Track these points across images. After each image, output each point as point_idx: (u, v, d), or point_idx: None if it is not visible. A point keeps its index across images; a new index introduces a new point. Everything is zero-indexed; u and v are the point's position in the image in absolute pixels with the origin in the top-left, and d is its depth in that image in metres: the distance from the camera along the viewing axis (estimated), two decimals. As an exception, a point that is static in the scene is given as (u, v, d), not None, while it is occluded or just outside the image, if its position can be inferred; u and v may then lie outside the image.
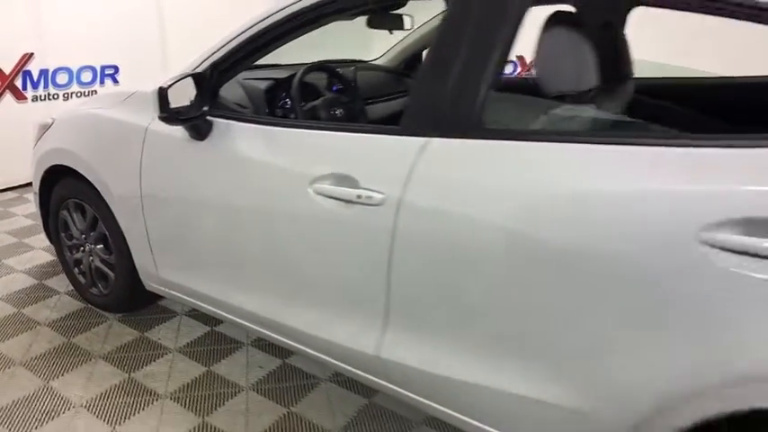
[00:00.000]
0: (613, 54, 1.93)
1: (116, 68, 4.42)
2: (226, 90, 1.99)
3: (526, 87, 1.54)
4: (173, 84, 1.64)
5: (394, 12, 2.18)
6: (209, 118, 1.77)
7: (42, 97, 4.03)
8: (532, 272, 1.23)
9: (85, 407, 1.89)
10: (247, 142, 1.70)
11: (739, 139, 1.05)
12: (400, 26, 2.24)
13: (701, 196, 1.04)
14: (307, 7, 1.62)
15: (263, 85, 2.12)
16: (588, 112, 1.43)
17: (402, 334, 1.49)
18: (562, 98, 1.47)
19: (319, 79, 2.32)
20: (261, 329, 1.84)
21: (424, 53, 2.65)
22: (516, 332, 1.30)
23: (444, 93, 1.35)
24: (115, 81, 4.47)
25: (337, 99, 2.15)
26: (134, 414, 1.87)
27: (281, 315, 1.74)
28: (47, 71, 4.02)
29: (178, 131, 1.82)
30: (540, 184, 1.21)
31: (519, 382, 1.31)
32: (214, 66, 1.80)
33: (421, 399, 1.52)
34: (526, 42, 1.43)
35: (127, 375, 2.06)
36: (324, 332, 1.64)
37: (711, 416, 1.07)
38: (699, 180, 1.06)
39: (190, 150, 1.82)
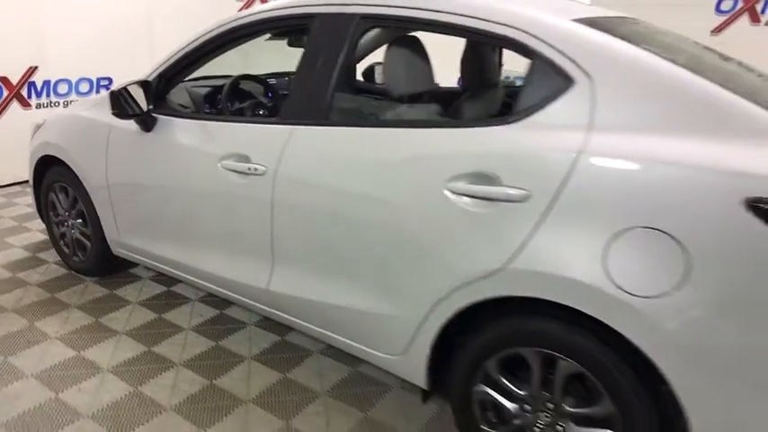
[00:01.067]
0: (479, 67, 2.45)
1: (110, 80, 5.02)
2: (176, 94, 2.57)
3: (378, 91, 2.07)
4: (122, 88, 2.20)
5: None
6: (154, 114, 2.32)
7: (45, 105, 4.64)
8: (359, 219, 1.75)
9: (59, 338, 2.43)
10: (181, 132, 2.26)
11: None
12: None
13: (447, 158, 1.57)
14: (226, 30, 2.18)
15: (204, 91, 2.67)
16: (397, 107, 1.94)
17: (283, 271, 2.02)
18: (401, 99, 2.00)
19: (256, 87, 2.87)
20: (190, 277, 2.39)
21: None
22: (352, 264, 1.82)
23: (305, 95, 1.90)
24: (110, 91, 5.06)
25: (262, 102, 2.71)
26: (96, 344, 2.40)
27: (204, 264, 2.28)
28: (49, 82, 4.63)
29: (133, 126, 2.37)
30: (357, 154, 1.75)
31: (354, 299, 1.83)
32: (160, 75, 2.36)
33: (296, 319, 2.05)
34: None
35: (94, 319, 2.60)
36: (232, 274, 2.18)
37: (465, 304, 1.57)
38: (446, 147, 1.58)
39: (140, 140, 2.37)
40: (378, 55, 2.25)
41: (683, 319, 1.27)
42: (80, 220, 2.88)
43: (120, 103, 2.21)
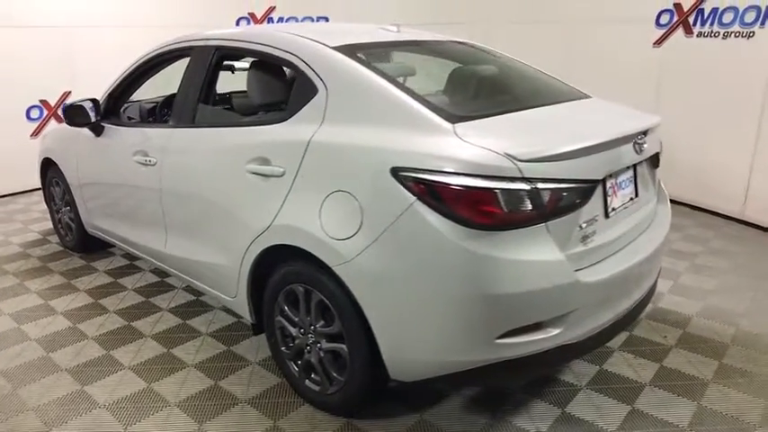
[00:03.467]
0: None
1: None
2: (131, 110, 3.36)
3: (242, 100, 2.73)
4: (74, 104, 2.99)
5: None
6: (102, 124, 3.10)
7: (77, 122, 5.67)
8: (200, 195, 2.41)
9: (36, 292, 3.25)
10: (117, 136, 3.02)
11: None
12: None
13: (247, 147, 2.18)
14: (145, 60, 2.94)
15: (148, 105, 3.44)
16: (240, 113, 2.59)
17: (172, 237, 2.70)
18: (259, 107, 2.64)
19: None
20: (124, 245, 3.14)
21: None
22: (200, 229, 2.48)
23: (182, 105, 2.60)
24: (134, 110, 6.05)
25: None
26: (60, 297, 3.19)
27: (130, 235, 3.02)
28: (81, 103, 5.67)
29: (91, 133, 3.17)
30: (201, 146, 2.41)
31: (205, 255, 2.47)
32: (109, 94, 3.16)
33: (179, 273, 2.72)
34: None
35: (67, 281, 3.41)
36: (146, 242, 2.89)
37: (257, 253, 2.16)
38: (247, 140, 2.20)
39: (93, 143, 3.16)
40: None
41: (358, 253, 1.80)
42: (68, 208, 3.73)
43: (72, 115, 3.00)
